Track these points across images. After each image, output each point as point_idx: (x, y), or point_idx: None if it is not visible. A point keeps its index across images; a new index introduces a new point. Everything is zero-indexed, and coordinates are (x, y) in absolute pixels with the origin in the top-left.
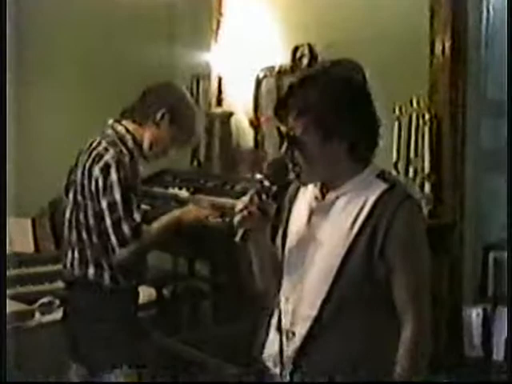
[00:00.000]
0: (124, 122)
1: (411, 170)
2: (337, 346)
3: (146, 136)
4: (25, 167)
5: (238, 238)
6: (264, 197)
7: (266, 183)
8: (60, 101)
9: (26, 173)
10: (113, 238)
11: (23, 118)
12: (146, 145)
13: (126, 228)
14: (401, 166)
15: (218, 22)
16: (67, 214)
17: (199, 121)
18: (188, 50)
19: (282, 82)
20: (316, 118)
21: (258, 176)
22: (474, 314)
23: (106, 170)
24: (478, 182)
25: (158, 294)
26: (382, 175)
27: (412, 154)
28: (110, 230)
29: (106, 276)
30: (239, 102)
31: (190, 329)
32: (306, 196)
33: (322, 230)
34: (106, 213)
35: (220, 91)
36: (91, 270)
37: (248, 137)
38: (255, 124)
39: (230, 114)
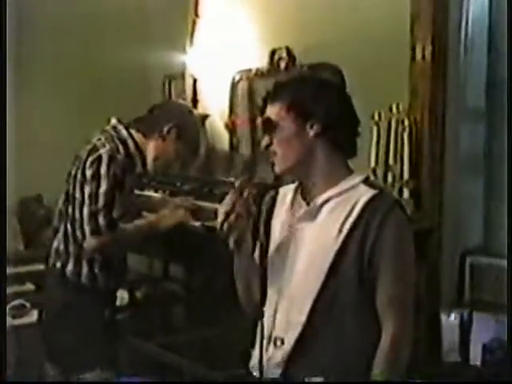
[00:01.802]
0: (130, 129)
1: (390, 176)
2: (326, 351)
3: (151, 148)
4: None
5: (232, 244)
6: (246, 196)
7: (246, 183)
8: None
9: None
10: (86, 227)
11: None
12: (150, 157)
13: (101, 219)
14: (379, 171)
15: (194, 23)
16: (58, 208)
17: (203, 139)
18: (162, 51)
19: (259, 85)
20: (289, 101)
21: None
22: (451, 319)
23: (97, 163)
24: (457, 188)
25: (131, 296)
26: (367, 181)
27: (391, 160)
28: (86, 220)
29: (85, 272)
30: (214, 105)
31: (163, 332)
32: (286, 204)
33: (308, 236)
34: (87, 202)
35: (195, 93)
36: (70, 266)
37: (223, 139)
38: (230, 127)
39: (206, 116)
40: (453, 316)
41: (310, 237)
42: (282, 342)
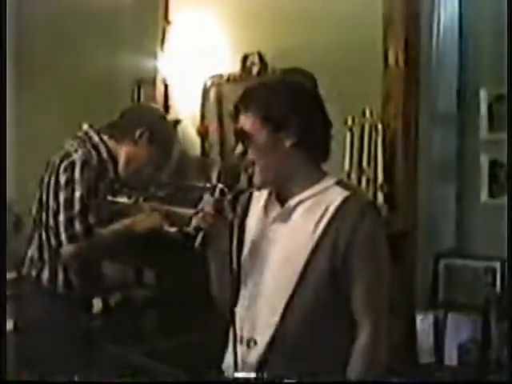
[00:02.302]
0: (102, 134)
1: (364, 180)
2: (300, 352)
3: (123, 153)
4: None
5: (197, 243)
6: (218, 197)
7: (220, 186)
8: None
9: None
10: (63, 234)
11: None
12: (121, 162)
13: (77, 226)
14: (353, 176)
15: (165, 28)
16: (32, 216)
17: (176, 143)
18: (132, 56)
19: (231, 91)
20: (264, 112)
21: (213, 180)
22: (426, 321)
23: (70, 168)
24: (430, 192)
25: (104, 303)
26: (341, 183)
27: (365, 164)
28: (62, 226)
29: (60, 279)
30: (185, 110)
31: (136, 338)
32: (260, 205)
33: (282, 237)
34: (62, 208)
35: (166, 98)
36: (46, 273)
37: (195, 144)
38: (202, 132)
39: (177, 122)
40: (427, 317)
41: (283, 238)
42: (255, 343)
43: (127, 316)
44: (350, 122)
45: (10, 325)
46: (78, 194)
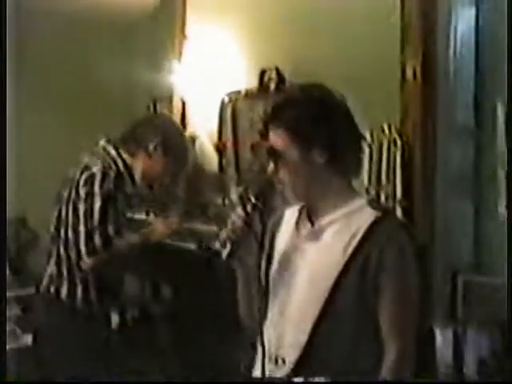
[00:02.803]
0: (118, 149)
1: (382, 195)
2: (328, 371)
3: (139, 166)
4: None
5: (225, 255)
6: (249, 211)
7: (252, 199)
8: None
9: None
10: (83, 247)
11: None
12: (138, 176)
13: (97, 238)
14: (372, 191)
15: (182, 44)
16: (51, 230)
17: (190, 150)
18: (149, 71)
19: (249, 106)
20: (295, 129)
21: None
22: (445, 336)
23: (90, 181)
24: (447, 207)
25: (122, 318)
26: (373, 203)
27: (383, 179)
28: (83, 238)
29: (79, 293)
30: (203, 126)
31: (152, 354)
32: (291, 223)
33: (312, 255)
34: (82, 220)
35: (184, 115)
36: (64, 289)
37: (212, 160)
38: (221, 149)
39: (194, 138)
40: (446, 332)
41: (313, 257)
42: (284, 362)
43: (144, 331)
44: (368, 137)
45: (28, 338)
46: (97, 205)
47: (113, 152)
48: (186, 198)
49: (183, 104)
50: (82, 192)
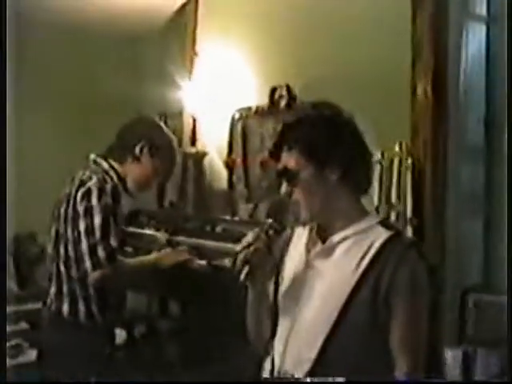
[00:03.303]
0: (108, 159)
1: (393, 215)
2: None
3: (129, 173)
4: None
5: (242, 277)
6: (271, 234)
7: (275, 224)
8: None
9: None
10: (87, 262)
11: None
12: (130, 182)
13: (101, 252)
14: (382, 210)
15: (192, 61)
16: (49, 249)
17: (177, 147)
18: (158, 88)
19: (260, 124)
20: (308, 149)
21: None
22: (455, 356)
23: (87, 196)
24: (458, 227)
25: (129, 335)
26: (383, 222)
27: (393, 199)
28: (86, 254)
29: (81, 310)
30: (213, 142)
31: (161, 370)
32: (302, 241)
33: (323, 273)
34: (83, 236)
35: (194, 131)
36: (66, 306)
37: (221, 177)
38: (231, 165)
39: (204, 154)
40: (456, 352)
41: (324, 275)
42: (293, 377)
43: (152, 347)
44: (379, 155)
45: (33, 354)
46: (97, 220)
47: (104, 164)
48: (195, 215)
49: (193, 120)
50: (81, 208)
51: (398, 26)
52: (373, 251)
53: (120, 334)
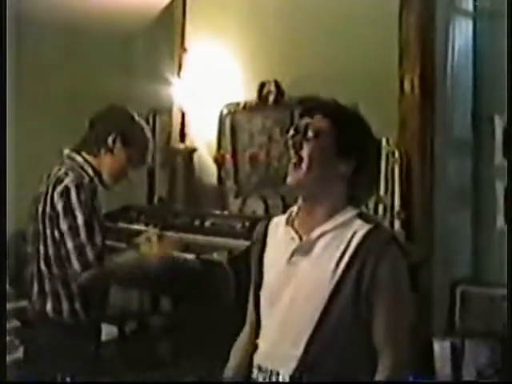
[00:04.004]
0: (82, 153)
1: (381, 208)
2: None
3: (104, 165)
4: None
5: None
6: None
7: None
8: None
9: None
10: (75, 263)
11: None
12: (105, 175)
13: (89, 252)
14: (370, 203)
15: (181, 57)
16: (28, 248)
17: (149, 136)
18: (147, 84)
19: (247, 118)
20: (335, 119)
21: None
22: (444, 348)
23: (65, 194)
24: (446, 219)
25: (120, 331)
26: (362, 215)
27: (382, 192)
28: (73, 255)
29: (65, 309)
30: (202, 138)
31: (151, 367)
32: (279, 234)
33: (304, 270)
34: (68, 237)
35: (183, 127)
36: (49, 305)
37: (210, 172)
38: (219, 161)
39: (193, 150)
40: (445, 344)
41: (304, 272)
42: (278, 375)
43: (143, 343)
44: None
45: (20, 352)
46: (80, 219)
47: (78, 158)
48: (184, 210)
49: (182, 116)
50: (59, 206)
51: (386, 23)
52: (352, 248)
53: (111, 331)
